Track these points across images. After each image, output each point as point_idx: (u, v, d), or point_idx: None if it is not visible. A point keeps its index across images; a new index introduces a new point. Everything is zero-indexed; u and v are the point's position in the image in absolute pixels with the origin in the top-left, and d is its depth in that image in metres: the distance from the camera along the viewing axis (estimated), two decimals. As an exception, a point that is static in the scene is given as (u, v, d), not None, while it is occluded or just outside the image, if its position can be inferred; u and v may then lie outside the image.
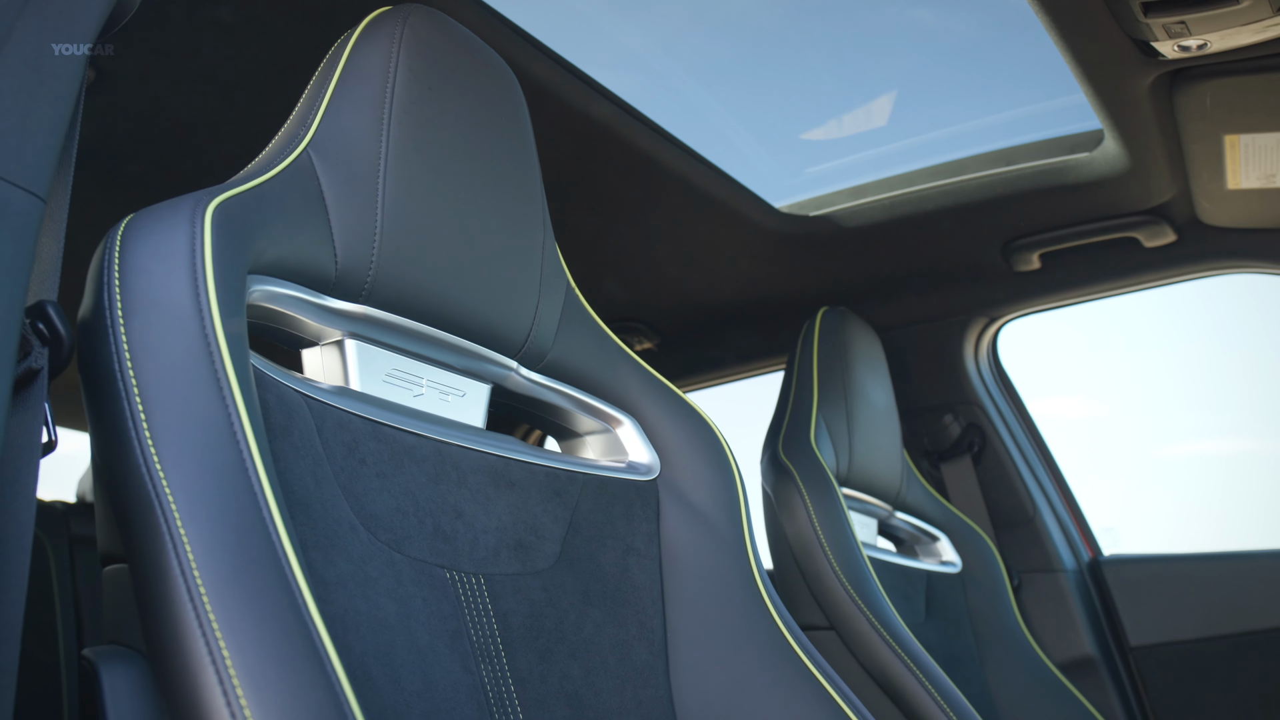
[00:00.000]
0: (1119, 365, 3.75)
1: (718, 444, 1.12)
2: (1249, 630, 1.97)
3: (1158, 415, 3.76)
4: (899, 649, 1.43)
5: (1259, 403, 3.66)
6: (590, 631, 0.96)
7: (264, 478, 0.64)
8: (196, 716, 0.53)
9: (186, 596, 0.56)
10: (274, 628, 0.56)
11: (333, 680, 0.56)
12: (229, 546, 0.59)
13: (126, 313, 0.67)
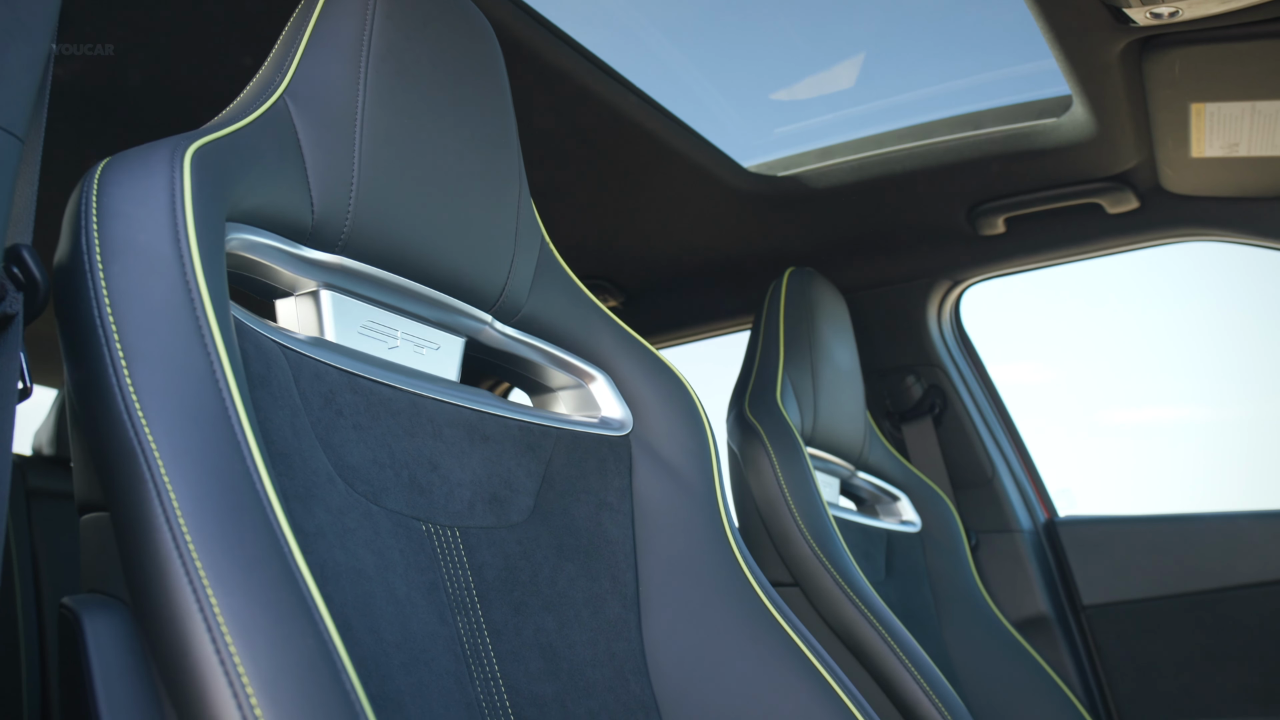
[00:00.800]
0: (1073, 332, 3.80)
1: (690, 400, 1.12)
2: (1196, 590, 2.02)
3: (1109, 382, 3.82)
4: (862, 605, 1.45)
5: (1209, 371, 3.72)
6: (564, 585, 0.96)
7: (246, 427, 0.63)
8: (185, 664, 0.53)
9: (172, 544, 0.56)
10: (261, 576, 0.56)
11: (321, 629, 0.56)
12: (213, 495, 0.58)
13: (105, 257, 0.66)
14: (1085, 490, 2.43)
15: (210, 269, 0.68)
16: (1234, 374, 3.54)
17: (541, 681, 0.89)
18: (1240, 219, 1.89)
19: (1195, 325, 3.60)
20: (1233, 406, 3.53)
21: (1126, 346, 3.81)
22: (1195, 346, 3.64)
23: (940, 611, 1.90)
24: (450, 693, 0.79)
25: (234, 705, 0.51)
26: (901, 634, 1.43)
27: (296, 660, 0.53)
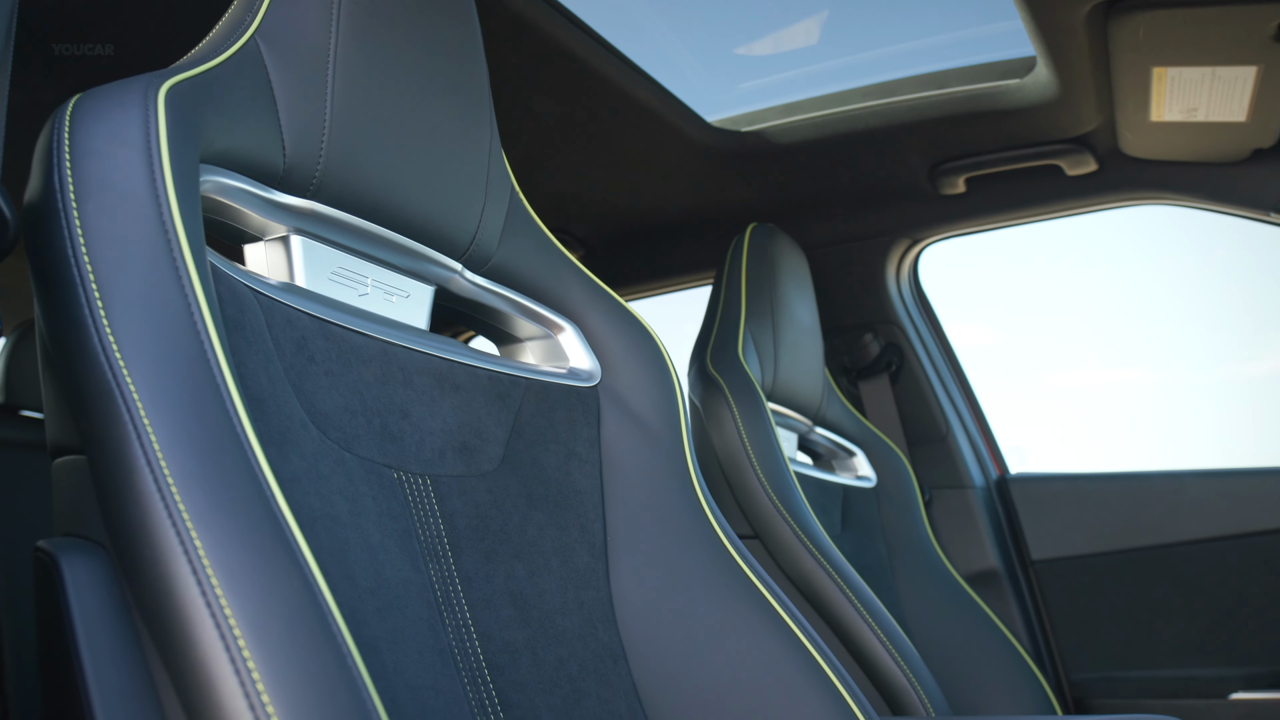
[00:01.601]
0: (1023, 293, 3.85)
1: (658, 352, 1.13)
2: (1140, 546, 2.07)
3: (1057, 344, 3.88)
4: (821, 557, 1.47)
5: (1153, 335, 3.79)
6: (534, 534, 0.97)
7: (225, 370, 0.63)
8: (169, 606, 0.53)
9: (154, 487, 0.55)
10: (244, 519, 0.56)
11: (305, 572, 0.56)
12: (194, 438, 0.58)
13: (79, 196, 0.65)
14: (1034, 448, 2.47)
15: (186, 210, 0.67)
16: (1181, 337, 3.61)
17: (512, 629, 0.89)
18: (1195, 183, 1.92)
19: (1146, 288, 3.66)
20: (1178, 369, 3.60)
21: (1077, 309, 3.86)
22: (1145, 309, 3.70)
23: (894, 564, 1.93)
24: (423, 639, 0.80)
25: (221, 647, 0.51)
26: (858, 585, 1.46)
27: (282, 602, 0.53)
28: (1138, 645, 2.04)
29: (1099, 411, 3.69)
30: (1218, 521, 2.01)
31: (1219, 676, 1.94)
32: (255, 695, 0.50)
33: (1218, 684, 1.92)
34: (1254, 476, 2.02)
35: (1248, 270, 3.42)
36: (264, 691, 0.50)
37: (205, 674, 0.51)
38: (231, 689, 0.50)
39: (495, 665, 0.86)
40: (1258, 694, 1.89)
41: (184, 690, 0.52)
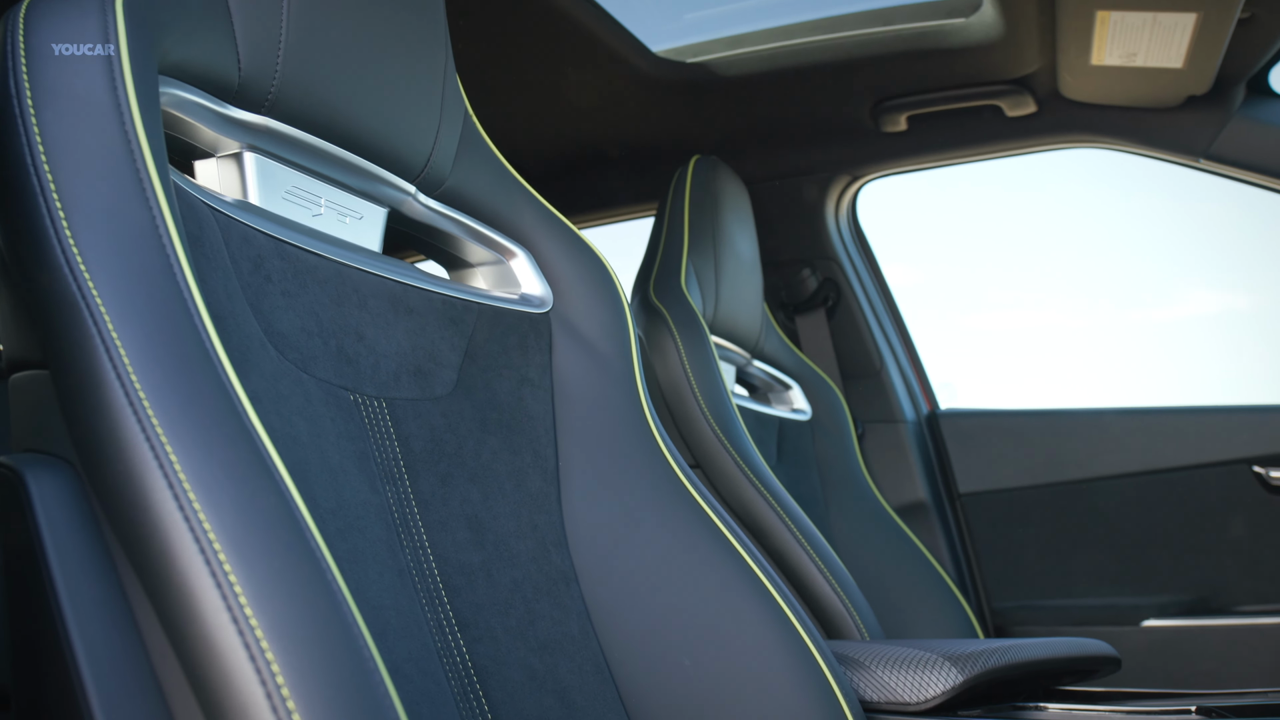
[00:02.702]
0: (943, 236, 3.90)
1: (609, 280, 1.13)
2: (1062, 480, 2.14)
3: (973, 286, 3.95)
4: (761, 487, 1.50)
5: (1073, 279, 3.88)
6: (488, 458, 0.97)
7: (192, 284, 0.62)
8: (146, 523, 0.52)
9: (125, 401, 0.55)
10: (218, 434, 0.55)
11: (282, 488, 0.56)
12: (163, 352, 0.57)
13: (37, 103, 0.63)
14: (964, 385, 2.52)
15: (149, 120, 0.66)
16: (1098, 282, 3.70)
17: (468, 551, 0.90)
18: (1131, 127, 1.96)
19: (1070, 233, 3.73)
20: (1094, 313, 3.69)
21: (997, 252, 3.93)
22: (1066, 253, 3.77)
23: (827, 496, 1.97)
24: (383, 560, 0.80)
25: (201, 562, 0.51)
26: (797, 514, 1.49)
27: (261, 517, 0.53)
28: (1057, 575, 2.12)
29: (1017, 352, 3.77)
30: (1136, 458, 2.09)
31: (1132, 605, 2.02)
32: (239, 608, 0.50)
33: (1131, 612, 2.01)
34: (1171, 415, 2.10)
35: (1168, 218, 3.50)
36: (247, 605, 0.50)
37: (185, 588, 0.51)
38: (213, 602, 0.50)
39: (452, 586, 0.87)
40: (1167, 621, 1.98)
41: (163, 605, 0.52)
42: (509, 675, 0.86)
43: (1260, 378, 4.03)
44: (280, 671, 0.49)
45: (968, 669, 1.00)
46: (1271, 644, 1.87)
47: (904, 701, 1.01)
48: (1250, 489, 1.99)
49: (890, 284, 2.40)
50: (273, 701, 0.49)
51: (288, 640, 0.50)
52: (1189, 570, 2.02)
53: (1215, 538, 2.01)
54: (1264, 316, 3.61)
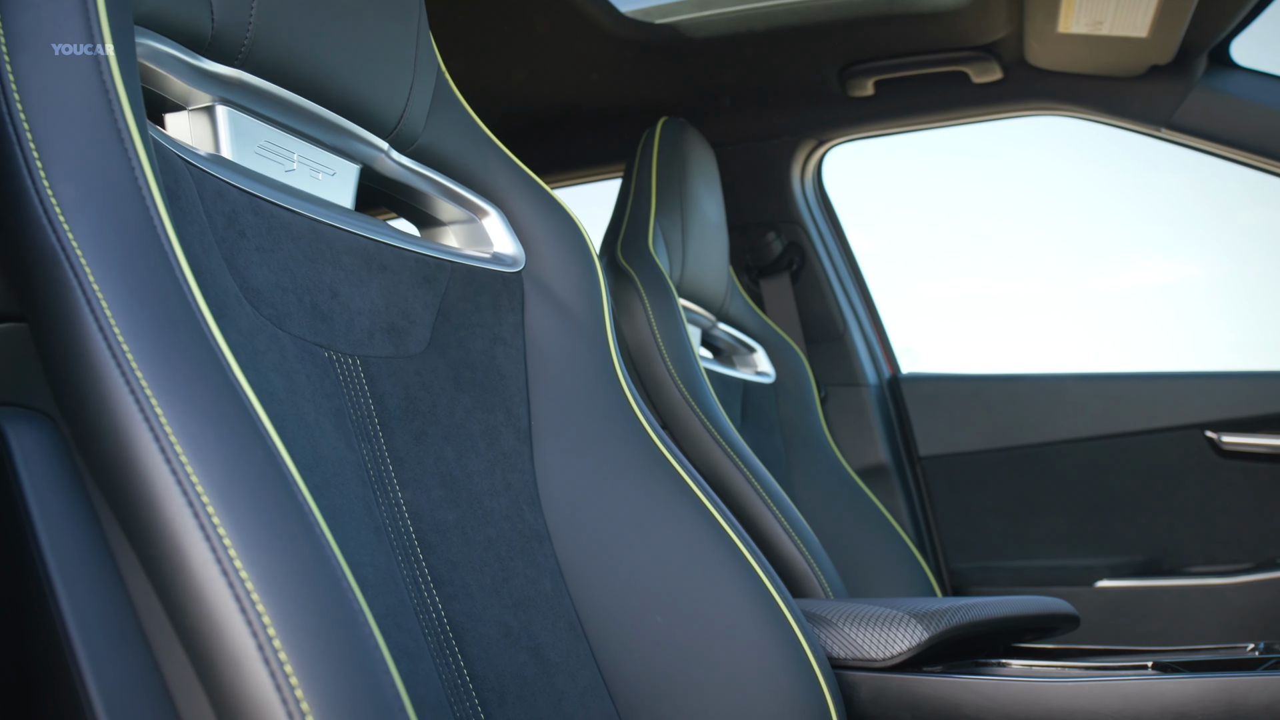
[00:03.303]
0: (903, 204, 3.92)
1: (582, 239, 1.13)
2: (1020, 444, 2.18)
3: (932, 253, 3.98)
4: (728, 448, 1.51)
5: (1030, 247, 3.92)
6: (461, 416, 0.98)
7: (172, 237, 0.61)
8: (133, 477, 0.52)
9: (108, 354, 0.54)
10: (203, 388, 0.55)
11: (269, 443, 0.56)
12: (147, 306, 0.57)
13: (12, 49, 0.61)
14: (914, 349, 2.55)
15: (126, 70, 0.65)
16: (1055, 250, 3.74)
17: (442, 508, 0.90)
18: (1094, 96, 1.98)
19: (1029, 201, 3.76)
20: (1049, 281, 3.73)
21: (956, 221, 3.96)
22: (1025, 222, 3.81)
23: (790, 458, 1.99)
24: (360, 516, 0.80)
25: (189, 515, 0.51)
26: (763, 475, 1.51)
27: (248, 471, 0.53)
28: (1014, 537, 2.15)
29: (975, 318, 3.81)
30: (1092, 422, 2.12)
31: (1086, 566, 2.06)
32: (228, 561, 0.50)
33: (1085, 573, 2.05)
34: (1127, 381, 2.13)
35: (1126, 187, 3.54)
36: (236, 558, 0.50)
37: (174, 541, 0.51)
38: (202, 554, 0.50)
39: (427, 543, 0.87)
40: (1120, 582, 2.02)
41: (150, 557, 0.52)
42: (484, 632, 0.87)
43: (1209, 345, 4.10)
44: (272, 623, 0.49)
45: (933, 626, 1.02)
46: (1219, 604, 1.92)
47: (870, 658, 1.03)
48: (1202, 453, 2.04)
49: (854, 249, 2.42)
50: (265, 653, 0.49)
51: (278, 593, 0.50)
52: (1142, 532, 2.06)
53: (1167, 501, 2.06)
54: (1213, 285, 3.67)
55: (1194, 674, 0.92)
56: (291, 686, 0.48)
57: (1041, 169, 3.63)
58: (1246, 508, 2.00)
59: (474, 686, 0.83)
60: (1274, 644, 1.03)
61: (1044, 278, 3.84)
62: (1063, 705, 0.94)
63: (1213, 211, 3.76)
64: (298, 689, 0.48)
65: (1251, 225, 3.83)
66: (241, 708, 0.48)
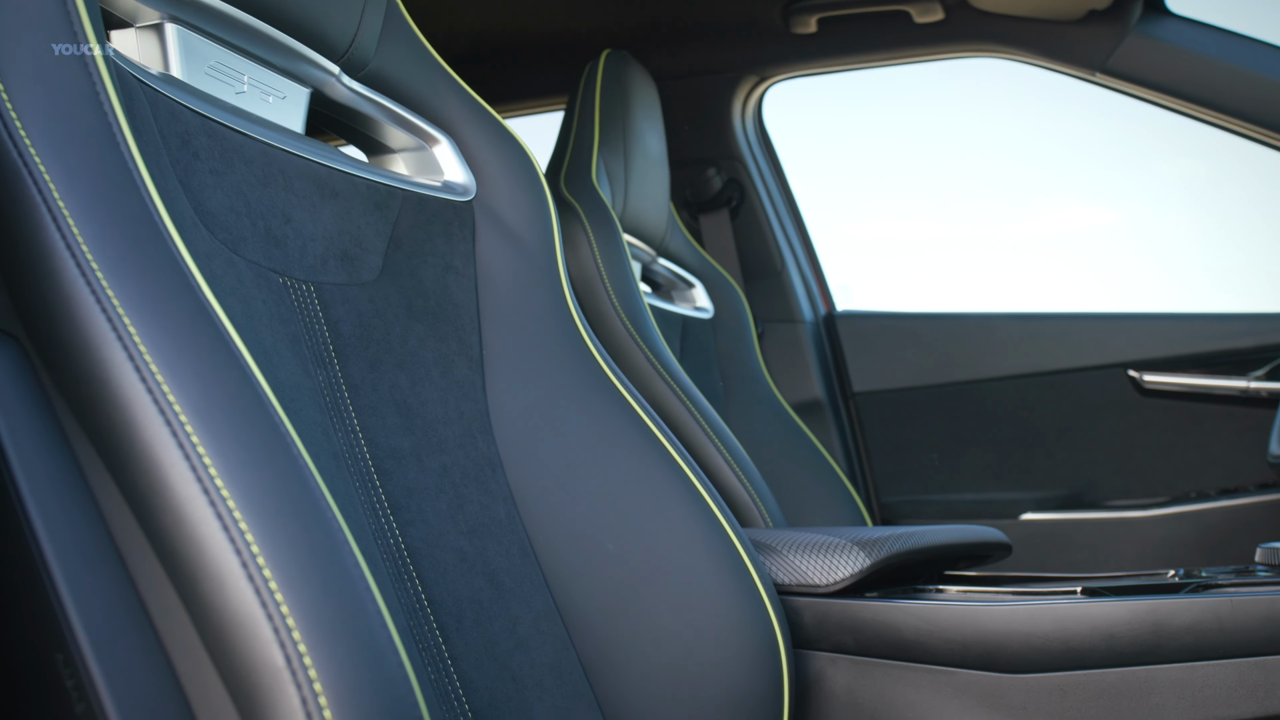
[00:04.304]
0: (840, 144, 3.94)
1: (532, 169, 1.13)
2: (952, 381, 2.23)
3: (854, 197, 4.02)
4: (672, 381, 1.52)
5: (948, 191, 3.98)
6: (415, 344, 0.97)
7: (136, 154, 0.60)
8: (106, 395, 0.52)
9: (78, 273, 0.53)
10: (175, 308, 0.54)
11: (242, 363, 0.55)
12: (114, 223, 0.56)
13: None
14: (849, 287, 2.59)
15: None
16: (977, 194, 3.80)
17: (398, 436, 0.91)
18: (1033, 39, 2.00)
19: (966, 144, 3.81)
20: (967, 225, 3.79)
21: (878, 164, 3.99)
22: (947, 166, 3.85)
23: (728, 393, 2.02)
24: (319, 442, 0.80)
25: (168, 434, 0.51)
26: (705, 408, 1.53)
27: (225, 391, 0.53)
28: (943, 471, 2.21)
29: (903, 260, 3.86)
30: (1021, 360, 2.18)
31: (1011, 500, 2.13)
32: (209, 480, 0.50)
33: (1010, 506, 2.12)
34: (1055, 320, 2.19)
35: (1052, 133, 3.59)
36: (217, 476, 0.50)
37: (152, 461, 0.51)
38: (182, 474, 0.50)
39: (384, 470, 0.88)
40: (1044, 514, 2.09)
41: (128, 478, 0.52)
42: (440, 558, 0.88)
43: (1121, 290, 4.21)
44: (255, 541, 0.49)
45: (875, 553, 1.06)
46: (1137, 535, 2.00)
47: (814, 584, 1.06)
48: (1125, 391, 2.10)
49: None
50: (249, 570, 0.49)
51: (260, 511, 0.50)
52: (1065, 467, 2.13)
53: (1090, 437, 2.13)
54: (1133, 232, 3.76)
55: (1122, 597, 0.96)
56: (277, 603, 0.49)
57: (974, 115, 3.67)
58: (1164, 444, 2.08)
59: (432, 611, 0.84)
60: (1193, 570, 1.08)
61: (971, 221, 3.89)
62: (998, 628, 0.98)
63: (1130, 160, 3.83)
64: (283, 605, 0.49)
65: (1173, 175, 3.91)
66: (226, 624, 0.49)
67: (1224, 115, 1.87)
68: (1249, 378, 2.00)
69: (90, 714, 0.49)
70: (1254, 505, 1.92)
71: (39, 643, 0.51)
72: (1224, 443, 2.04)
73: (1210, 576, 1.02)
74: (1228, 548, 1.91)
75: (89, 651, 0.49)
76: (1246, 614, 0.91)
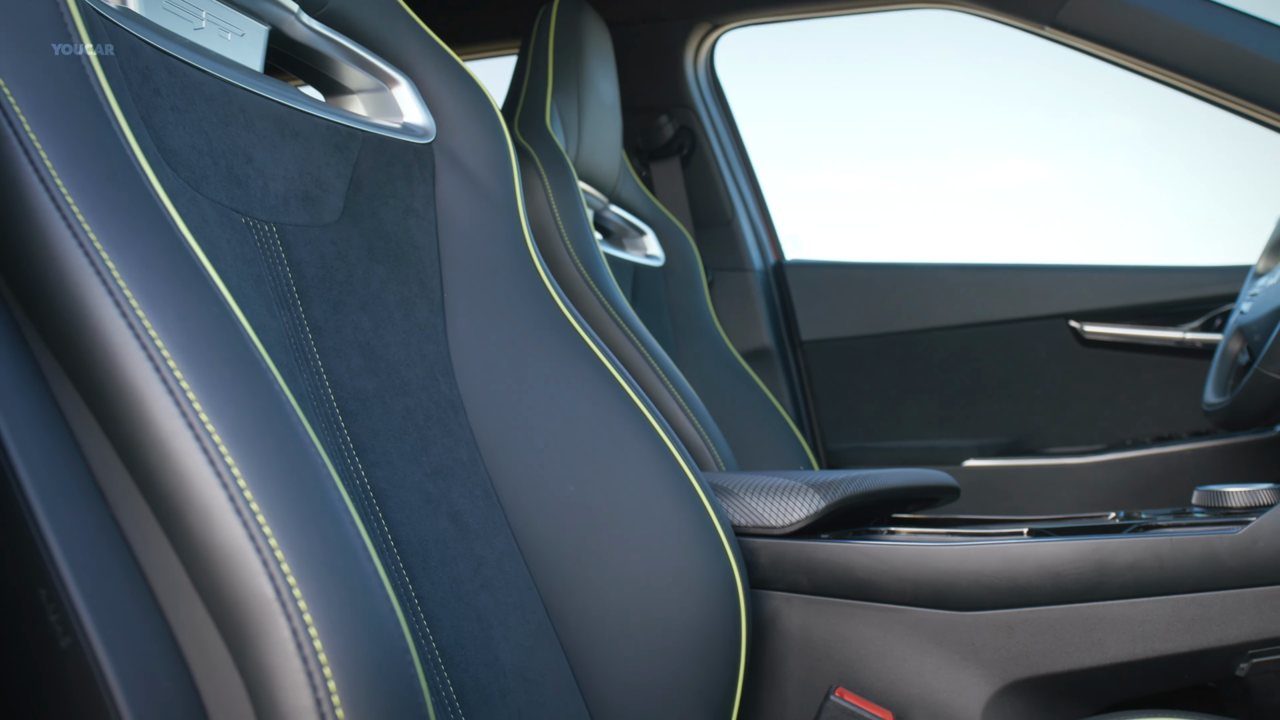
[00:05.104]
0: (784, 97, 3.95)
1: (492, 112, 1.12)
2: (898, 330, 2.26)
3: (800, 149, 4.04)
4: (625, 326, 1.53)
5: (900, 143, 4.01)
6: (377, 287, 0.97)
7: (105, 85, 0.59)
8: (84, 328, 0.51)
9: (53, 207, 0.53)
10: (153, 243, 0.54)
11: (220, 298, 0.55)
12: (86, 158, 0.55)
13: None
14: (798, 236, 2.60)
15: None
16: (922, 149, 3.83)
17: (362, 378, 0.91)
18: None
19: (909, 98, 3.83)
20: (914, 179, 3.83)
21: (841, 114, 4.00)
22: (902, 118, 3.88)
23: (678, 340, 2.03)
24: (285, 383, 0.80)
25: (150, 368, 0.51)
26: (658, 353, 1.54)
27: (205, 327, 0.53)
28: (888, 419, 2.25)
29: (848, 213, 3.89)
30: (966, 310, 2.22)
31: (955, 447, 2.18)
32: (193, 415, 0.50)
33: (954, 453, 2.16)
34: (1000, 271, 2.23)
35: (992, 88, 3.63)
36: (201, 411, 0.50)
37: (135, 396, 0.51)
38: (166, 409, 0.50)
39: (348, 412, 0.88)
40: (986, 461, 2.14)
41: (109, 410, 0.52)
42: (405, 498, 0.89)
43: (1058, 245, 4.29)
44: (242, 475, 0.50)
45: (830, 495, 1.08)
46: (1075, 481, 2.06)
47: (770, 525, 1.08)
48: (1066, 342, 2.15)
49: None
50: (236, 504, 0.49)
51: (245, 446, 0.50)
52: (1007, 415, 2.18)
53: (1031, 386, 2.17)
54: (1071, 187, 3.81)
55: (1067, 537, 0.99)
56: (265, 536, 0.49)
57: (918, 71, 3.69)
58: (1103, 393, 2.13)
59: (398, 551, 0.85)
60: (1133, 512, 1.12)
61: (915, 176, 3.93)
62: (949, 566, 1.01)
63: (1076, 117, 3.88)
64: (271, 538, 0.49)
65: (1109, 131, 3.97)
66: (214, 557, 0.49)
67: (1169, 71, 1.90)
68: (1184, 329, 2.06)
69: (76, 647, 0.49)
70: (1187, 452, 1.98)
71: (22, 579, 0.51)
72: (1160, 392, 2.10)
73: (1150, 518, 1.05)
74: (1161, 492, 1.97)
75: (73, 586, 0.49)
76: (1185, 553, 0.95)
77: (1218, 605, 0.94)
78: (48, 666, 0.50)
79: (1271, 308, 1.33)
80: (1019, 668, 0.99)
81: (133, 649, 0.49)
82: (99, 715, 0.48)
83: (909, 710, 1.02)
